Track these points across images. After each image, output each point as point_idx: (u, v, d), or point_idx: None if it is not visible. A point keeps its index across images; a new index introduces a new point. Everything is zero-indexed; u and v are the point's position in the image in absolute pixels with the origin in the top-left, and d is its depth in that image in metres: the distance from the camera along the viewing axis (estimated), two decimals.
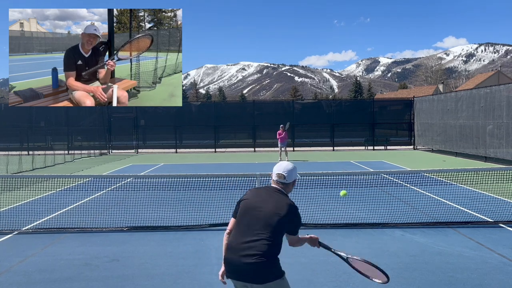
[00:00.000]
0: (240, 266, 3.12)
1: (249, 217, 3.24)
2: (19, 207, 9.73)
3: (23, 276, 5.61)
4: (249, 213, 3.25)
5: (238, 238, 3.20)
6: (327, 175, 9.57)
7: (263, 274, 3.12)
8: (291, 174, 3.40)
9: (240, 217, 3.29)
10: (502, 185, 10.40)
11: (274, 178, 3.44)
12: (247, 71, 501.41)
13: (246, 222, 3.23)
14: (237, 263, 3.14)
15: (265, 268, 3.13)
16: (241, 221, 3.27)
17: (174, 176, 9.16)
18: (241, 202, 3.37)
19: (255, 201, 3.29)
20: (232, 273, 3.19)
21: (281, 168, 3.41)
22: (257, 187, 3.49)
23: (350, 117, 29.68)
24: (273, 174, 3.45)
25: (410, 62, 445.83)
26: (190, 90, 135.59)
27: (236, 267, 3.15)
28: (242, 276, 3.14)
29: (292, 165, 3.45)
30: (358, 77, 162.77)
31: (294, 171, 3.44)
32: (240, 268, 3.13)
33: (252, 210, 3.25)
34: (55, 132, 29.50)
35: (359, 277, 5.51)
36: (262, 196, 3.33)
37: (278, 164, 3.50)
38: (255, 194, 3.37)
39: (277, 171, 3.41)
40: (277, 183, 3.42)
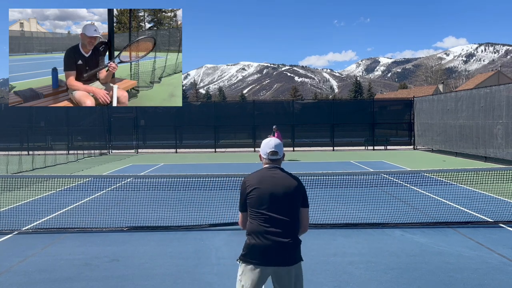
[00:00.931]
0: (273, 250, 3.18)
1: (268, 202, 3.25)
2: (19, 207, 9.73)
3: (23, 276, 5.61)
4: (266, 199, 3.25)
5: (265, 225, 3.22)
6: (327, 175, 9.57)
7: (293, 255, 3.25)
8: (281, 148, 3.47)
9: (257, 205, 3.27)
10: (502, 185, 10.40)
11: (267, 156, 3.43)
12: (247, 71, 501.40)
13: (267, 207, 3.24)
14: (269, 248, 3.18)
15: (295, 248, 3.26)
16: (260, 208, 3.26)
17: (174, 176, 9.15)
18: (252, 191, 3.30)
19: (267, 185, 3.29)
20: (262, 259, 3.20)
21: (271, 145, 3.43)
22: (257, 171, 3.43)
23: (350, 117, 29.67)
24: (264, 153, 3.44)
25: (410, 62, 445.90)
26: (190, 90, 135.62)
27: (269, 252, 3.18)
28: (273, 260, 3.19)
29: (278, 140, 3.50)
30: (358, 77, 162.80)
31: (282, 145, 3.51)
32: (272, 252, 3.18)
33: (270, 195, 3.25)
34: (55, 132, 29.50)
35: (359, 277, 5.52)
36: (269, 178, 3.32)
37: (266, 141, 3.48)
38: (261, 179, 3.34)
39: (269, 148, 3.42)
40: (271, 161, 3.43)
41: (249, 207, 3.32)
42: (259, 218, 3.25)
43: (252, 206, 3.30)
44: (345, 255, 6.32)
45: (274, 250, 3.19)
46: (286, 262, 3.21)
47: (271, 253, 3.19)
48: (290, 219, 3.25)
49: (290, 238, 3.22)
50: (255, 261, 3.22)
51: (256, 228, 3.24)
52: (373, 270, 5.70)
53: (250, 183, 3.35)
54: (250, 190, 3.32)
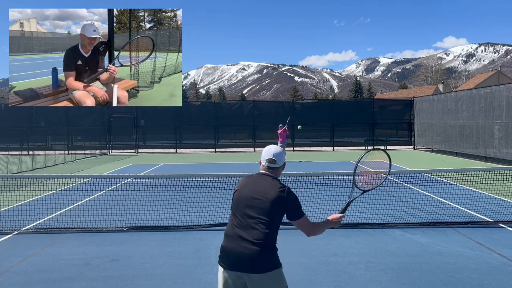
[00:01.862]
0: (238, 255, 3.10)
1: (243, 206, 3.22)
2: (19, 207, 9.73)
3: (23, 276, 5.61)
4: (243, 202, 3.23)
5: (235, 228, 3.19)
6: (327, 175, 9.57)
7: (262, 263, 3.10)
8: (281, 157, 3.39)
9: (235, 208, 3.27)
10: (502, 185, 10.39)
11: (264, 163, 3.38)
12: (247, 71, 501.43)
13: (241, 211, 3.22)
14: (235, 253, 3.11)
15: (264, 256, 3.11)
16: (236, 211, 3.25)
17: (174, 176, 9.16)
18: (235, 193, 3.34)
19: (248, 190, 3.27)
20: (229, 264, 3.15)
21: (271, 152, 3.36)
22: (248, 175, 3.43)
23: (350, 117, 29.67)
24: (263, 160, 3.39)
25: (410, 62, 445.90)
26: (190, 90, 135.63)
27: (234, 256, 3.11)
28: (239, 266, 3.11)
29: (280, 148, 3.46)
30: (358, 77, 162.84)
31: (283, 154, 3.45)
32: (238, 258, 3.10)
33: (246, 199, 3.23)
34: (55, 132, 29.49)
35: (359, 277, 5.52)
36: (253, 184, 3.30)
37: (266, 149, 3.44)
38: (246, 183, 3.34)
39: (267, 156, 3.37)
40: (267, 168, 3.37)
41: (231, 208, 3.34)
42: (233, 220, 3.25)
43: (231, 208, 3.32)
44: (345, 255, 6.32)
45: (239, 255, 3.10)
46: (252, 269, 3.09)
47: (236, 257, 3.11)
48: (261, 227, 3.12)
49: (257, 246, 3.08)
50: (224, 264, 3.18)
51: (227, 231, 3.24)
52: (373, 270, 5.70)
53: (239, 185, 3.38)
54: (235, 191, 3.36)
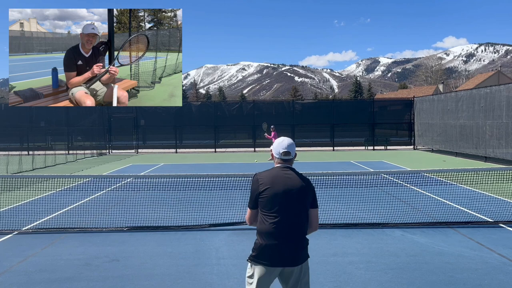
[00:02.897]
0: (284, 251, 3.21)
1: (280, 202, 3.26)
2: (19, 207, 9.73)
3: (23, 276, 5.61)
4: (279, 200, 3.26)
5: (277, 226, 3.23)
6: (327, 175, 9.56)
7: (303, 255, 3.30)
8: (293, 149, 3.48)
9: (270, 204, 3.27)
10: (502, 185, 10.40)
11: (279, 156, 3.43)
12: (247, 71, 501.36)
13: (279, 207, 3.25)
14: (280, 249, 3.21)
15: (304, 247, 3.32)
16: (272, 207, 3.26)
17: (174, 176, 9.15)
18: (265, 191, 3.29)
19: (280, 186, 3.29)
20: (273, 260, 3.22)
21: (284, 145, 3.43)
22: (267, 172, 3.42)
23: (350, 117, 29.66)
24: (277, 153, 3.44)
25: (410, 62, 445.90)
26: (190, 90, 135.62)
27: (279, 252, 3.21)
28: (283, 261, 3.22)
29: (291, 140, 3.52)
30: (358, 77, 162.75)
31: (294, 145, 3.53)
32: (283, 253, 3.21)
33: (282, 195, 3.26)
34: (55, 132, 29.49)
35: (359, 277, 5.52)
36: (282, 178, 3.33)
37: (279, 142, 3.48)
38: (274, 178, 3.33)
39: (283, 149, 3.42)
40: (283, 161, 3.43)
41: (261, 206, 3.31)
42: (271, 218, 3.26)
43: (264, 206, 3.30)
44: (345, 255, 6.32)
45: (284, 251, 3.22)
46: (296, 262, 3.26)
47: (281, 254, 3.22)
48: (300, 220, 3.29)
49: (300, 239, 3.27)
50: (265, 261, 3.24)
51: (268, 229, 3.25)
52: (373, 270, 5.70)
53: (264, 181, 3.33)
54: (263, 189, 3.30)
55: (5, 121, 28.83)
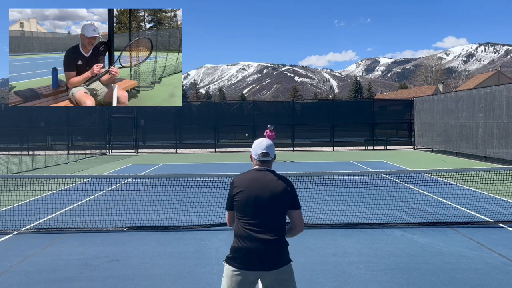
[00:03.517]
0: (256, 254, 3.13)
1: (254, 205, 3.20)
2: (19, 207, 9.73)
3: (23, 276, 5.61)
4: (252, 201, 3.21)
5: (249, 228, 3.19)
6: (327, 175, 9.57)
7: (281, 258, 3.19)
8: (272, 150, 3.42)
9: (243, 208, 3.23)
10: (502, 185, 10.39)
11: (258, 158, 3.37)
12: (247, 71, 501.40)
13: (253, 210, 3.20)
14: (253, 252, 3.14)
15: (281, 252, 3.20)
16: (246, 211, 3.22)
17: (174, 176, 9.15)
18: (238, 194, 3.26)
19: (254, 188, 3.24)
20: (245, 263, 3.16)
21: (263, 146, 3.37)
22: (244, 174, 3.37)
23: (350, 117, 29.66)
24: (255, 154, 3.38)
25: (410, 62, 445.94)
26: (190, 90, 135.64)
27: (252, 256, 3.14)
28: (256, 265, 3.14)
29: (270, 141, 3.46)
30: (358, 77, 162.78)
31: (274, 146, 3.47)
32: (255, 257, 3.14)
33: (256, 198, 3.21)
34: (55, 132, 29.50)
35: (359, 277, 5.52)
36: (257, 181, 3.27)
37: (257, 143, 3.41)
38: (248, 182, 3.28)
39: (261, 150, 3.36)
40: (261, 162, 3.37)
41: (236, 209, 3.29)
42: (244, 221, 3.22)
43: (237, 209, 3.27)
44: (345, 255, 6.32)
45: (257, 255, 3.14)
46: (270, 266, 3.15)
47: (254, 257, 3.14)
48: (275, 224, 3.20)
49: (273, 243, 3.16)
50: (238, 265, 3.18)
51: (241, 232, 3.21)
52: (373, 270, 5.70)
53: (238, 184, 3.29)
54: (237, 192, 3.27)
55: (5, 121, 28.83)
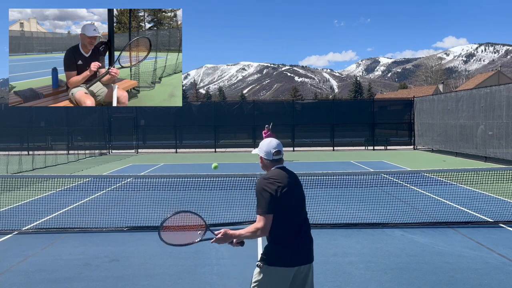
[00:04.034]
0: (303, 249, 3.24)
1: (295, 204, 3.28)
2: (19, 207, 9.73)
3: (23, 276, 5.61)
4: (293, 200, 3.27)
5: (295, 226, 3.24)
6: (327, 175, 9.57)
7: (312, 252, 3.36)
8: (282, 147, 3.49)
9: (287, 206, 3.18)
10: (502, 185, 10.39)
11: (271, 158, 3.35)
12: (247, 71, 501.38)
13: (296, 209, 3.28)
14: (300, 248, 3.22)
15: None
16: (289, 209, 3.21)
17: (174, 176, 9.15)
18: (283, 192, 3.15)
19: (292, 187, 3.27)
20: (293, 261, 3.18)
21: (274, 145, 3.39)
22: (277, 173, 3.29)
23: (350, 117, 29.67)
24: (267, 155, 3.36)
25: (410, 62, 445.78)
26: (190, 90, 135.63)
27: (299, 252, 3.22)
28: (307, 258, 3.26)
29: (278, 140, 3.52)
30: (358, 77, 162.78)
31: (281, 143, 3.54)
32: (302, 252, 3.23)
33: (295, 197, 3.29)
34: (55, 132, 29.51)
35: (359, 277, 5.53)
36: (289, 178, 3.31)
37: (267, 143, 3.41)
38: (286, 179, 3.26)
39: (273, 149, 3.37)
40: (276, 161, 3.39)
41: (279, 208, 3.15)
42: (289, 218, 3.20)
43: (281, 207, 3.15)
44: (345, 255, 6.32)
45: (302, 249, 3.25)
46: (310, 259, 3.29)
47: (301, 253, 3.23)
48: (307, 216, 3.40)
49: (310, 234, 3.35)
50: (283, 262, 3.15)
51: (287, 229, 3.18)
52: (373, 270, 5.70)
53: (281, 183, 3.19)
54: (282, 191, 3.16)
55: (5, 121, 28.84)
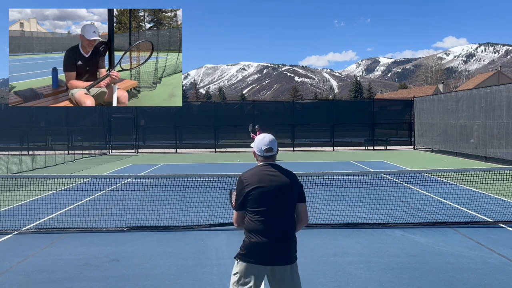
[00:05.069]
0: (273, 248, 3.17)
1: (268, 200, 3.23)
2: (19, 207, 9.73)
3: (23, 276, 5.61)
4: (266, 197, 3.23)
5: (266, 223, 3.21)
6: (327, 175, 9.57)
7: (292, 254, 3.26)
8: (275, 144, 3.44)
9: (258, 204, 3.24)
10: (502, 185, 10.39)
11: (262, 154, 3.38)
12: (247, 71, 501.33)
13: (268, 206, 3.23)
14: (269, 246, 3.17)
15: (294, 246, 3.28)
16: (260, 206, 3.23)
17: (174, 176, 9.15)
18: (251, 190, 3.26)
19: (266, 183, 3.26)
20: (261, 258, 3.18)
21: (266, 141, 3.38)
22: (251, 171, 3.38)
23: (350, 117, 29.66)
24: (259, 150, 3.39)
25: (410, 62, 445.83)
26: (190, 90, 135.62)
27: (268, 250, 3.17)
28: (272, 259, 3.19)
29: (272, 136, 3.46)
30: (358, 77, 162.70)
31: (276, 141, 3.47)
32: (272, 251, 3.18)
33: (269, 193, 3.24)
34: (55, 132, 29.50)
35: (359, 277, 5.52)
36: (268, 176, 3.29)
37: (260, 139, 3.42)
38: (259, 177, 3.30)
39: (265, 145, 3.37)
40: (266, 158, 3.39)
41: (249, 205, 3.29)
42: (260, 216, 3.23)
43: (251, 205, 3.27)
44: (345, 255, 6.32)
45: (274, 249, 3.19)
46: (286, 260, 3.21)
47: (270, 251, 3.19)
48: (288, 217, 3.27)
49: (289, 236, 3.24)
50: (253, 259, 3.21)
51: (257, 228, 3.23)
52: (373, 270, 5.70)
53: (249, 182, 3.30)
54: (250, 189, 3.27)
55: (5, 121, 28.83)
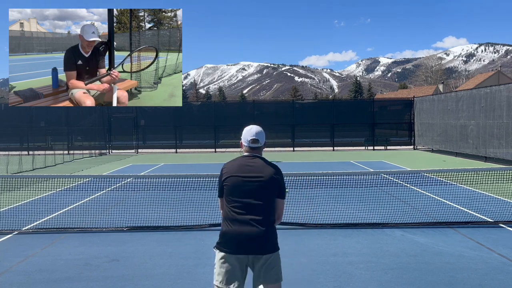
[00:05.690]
0: (246, 238, 3.16)
1: (242, 189, 3.23)
2: (19, 207, 9.73)
3: (23, 276, 5.61)
4: (240, 187, 3.24)
5: (237, 212, 3.21)
6: (327, 175, 9.57)
7: (269, 244, 3.22)
8: (262, 136, 3.41)
9: (231, 192, 3.26)
10: (502, 185, 10.39)
11: (247, 144, 3.38)
12: (247, 71, 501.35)
13: (241, 196, 3.23)
14: (242, 236, 3.16)
15: (270, 237, 3.23)
16: (234, 195, 3.25)
17: (174, 176, 9.15)
18: (227, 179, 3.29)
19: (242, 173, 3.27)
20: (234, 247, 3.18)
21: (253, 132, 3.37)
22: (233, 161, 3.40)
23: (350, 117, 29.67)
24: (245, 141, 3.39)
25: (410, 62, 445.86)
26: (190, 90, 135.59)
27: (241, 239, 3.17)
28: (247, 248, 3.17)
29: (260, 128, 3.44)
30: (358, 77, 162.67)
31: (264, 133, 3.45)
32: (246, 241, 3.16)
33: (244, 182, 3.24)
34: (55, 132, 29.50)
35: (359, 277, 5.52)
36: (245, 166, 3.30)
37: (247, 129, 3.42)
38: (237, 167, 3.31)
39: (250, 136, 3.37)
40: (251, 149, 3.38)
41: (225, 194, 3.31)
42: (233, 205, 3.24)
43: (227, 194, 3.29)
44: (345, 255, 6.32)
45: (245, 238, 3.17)
46: (258, 250, 3.19)
47: (242, 241, 3.18)
48: (263, 208, 3.23)
49: (262, 226, 3.19)
50: (227, 249, 3.21)
51: (230, 216, 3.24)
52: (373, 270, 5.70)
53: (227, 170, 3.33)
54: (226, 177, 3.29)
55: (5, 121, 28.84)
